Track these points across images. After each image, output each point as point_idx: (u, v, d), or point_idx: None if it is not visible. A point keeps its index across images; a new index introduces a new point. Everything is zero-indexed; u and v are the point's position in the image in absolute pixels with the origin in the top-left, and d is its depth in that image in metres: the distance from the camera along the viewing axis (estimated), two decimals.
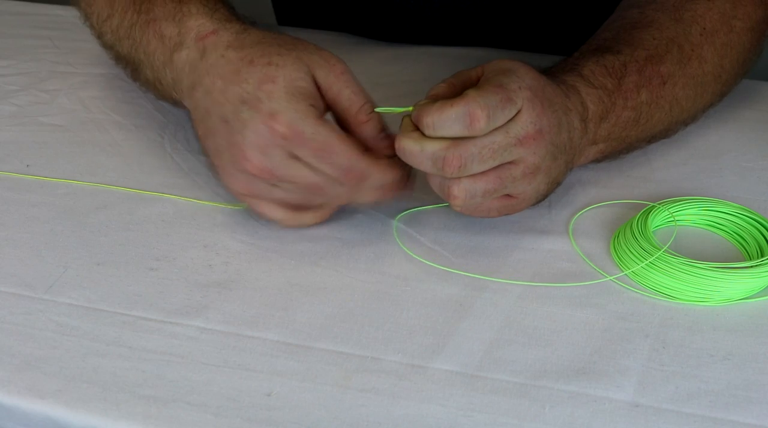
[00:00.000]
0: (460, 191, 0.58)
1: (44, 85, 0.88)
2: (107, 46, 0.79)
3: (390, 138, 0.60)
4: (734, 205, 0.65)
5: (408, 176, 0.62)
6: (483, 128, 0.55)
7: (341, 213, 0.68)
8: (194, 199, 0.70)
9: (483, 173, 0.58)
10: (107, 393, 0.53)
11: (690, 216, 0.66)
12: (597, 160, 0.70)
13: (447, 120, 0.55)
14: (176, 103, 0.70)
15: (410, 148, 0.57)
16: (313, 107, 0.58)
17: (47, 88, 0.88)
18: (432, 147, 0.56)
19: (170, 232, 0.66)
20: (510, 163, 0.58)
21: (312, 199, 0.62)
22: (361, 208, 0.66)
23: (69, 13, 1.04)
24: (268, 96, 0.58)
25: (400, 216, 0.67)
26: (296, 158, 0.58)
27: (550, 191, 0.63)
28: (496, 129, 0.57)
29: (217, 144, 0.61)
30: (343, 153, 0.58)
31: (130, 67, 0.76)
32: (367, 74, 0.87)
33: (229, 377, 0.54)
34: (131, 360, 0.55)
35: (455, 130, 0.56)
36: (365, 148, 0.60)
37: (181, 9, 0.66)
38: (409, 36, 0.95)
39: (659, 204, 0.65)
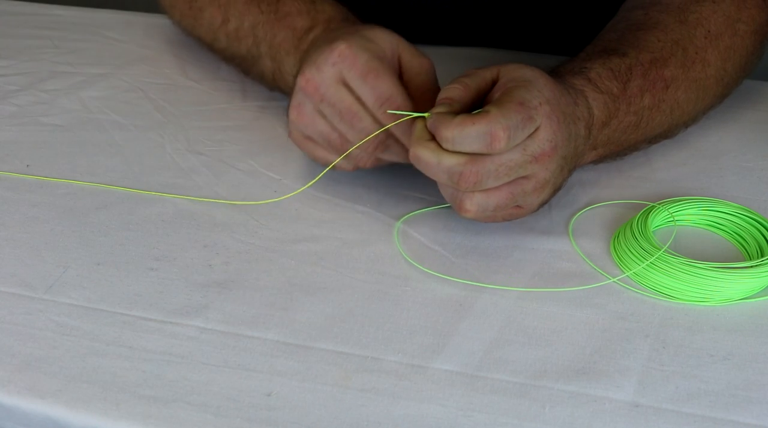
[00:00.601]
0: (472, 205, 0.59)
1: (44, 85, 0.88)
2: (219, 50, 0.84)
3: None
4: (734, 205, 0.65)
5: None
6: (503, 148, 0.56)
7: (341, 213, 0.68)
8: (194, 197, 0.70)
9: (496, 188, 0.58)
10: (107, 393, 0.53)
11: (690, 216, 0.66)
12: (594, 163, 0.70)
13: (467, 137, 0.55)
14: (289, 89, 0.73)
15: (427, 158, 0.57)
16: (378, 52, 0.62)
17: (47, 88, 0.88)
18: (449, 161, 0.56)
19: (170, 232, 0.66)
20: (522, 178, 0.58)
21: (344, 142, 0.64)
22: (387, 160, 0.66)
23: (69, 13, 1.04)
24: (350, 34, 0.63)
25: (403, 218, 0.67)
26: (345, 85, 0.62)
27: (551, 197, 0.63)
28: (514, 147, 0.57)
29: (295, 84, 0.65)
30: (388, 81, 0.61)
31: (246, 63, 0.81)
32: None
33: (229, 377, 0.54)
34: (131, 360, 0.55)
35: (474, 148, 0.56)
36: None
37: (315, 7, 0.74)
38: (411, 36, 0.95)
39: (659, 204, 0.65)
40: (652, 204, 0.65)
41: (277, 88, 0.79)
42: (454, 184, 0.57)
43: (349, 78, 0.62)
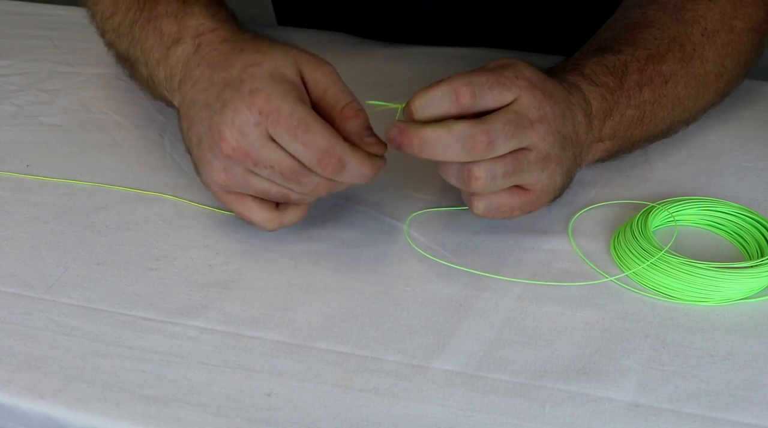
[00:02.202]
0: (481, 171, 0.57)
1: (44, 85, 0.88)
2: (108, 44, 0.80)
3: (375, 137, 0.59)
4: (734, 205, 0.65)
5: (378, 169, 0.59)
6: (469, 102, 0.56)
7: (341, 213, 0.68)
8: (193, 202, 0.70)
9: (501, 156, 0.57)
10: (107, 393, 0.53)
11: (690, 217, 0.66)
12: (603, 159, 0.70)
13: (434, 97, 0.56)
14: (167, 102, 0.71)
15: (435, 133, 0.55)
16: (294, 90, 0.58)
17: (47, 88, 0.88)
18: (459, 126, 0.55)
19: (170, 232, 0.66)
20: (524, 148, 0.58)
21: (288, 192, 0.60)
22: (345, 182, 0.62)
23: (69, 13, 1.04)
24: (251, 77, 0.58)
25: (411, 216, 0.67)
26: (274, 141, 0.57)
27: (565, 185, 0.63)
28: (505, 108, 0.57)
29: (198, 132, 0.60)
30: (321, 133, 0.56)
31: (128, 64, 0.76)
32: (367, 74, 0.88)
33: (229, 377, 0.54)
34: (131, 360, 0.55)
35: (443, 107, 0.56)
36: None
37: (184, 9, 0.67)
38: (409, 36, 0.95)
39: (659, 204, 0.65)
40: (652, 204, 0.65)
41: (156, 99, 0.74)
42: (468, 152, 0.56)
43: (277, 135, 0.57)
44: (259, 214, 0.62)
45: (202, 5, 0.68)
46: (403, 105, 0.58)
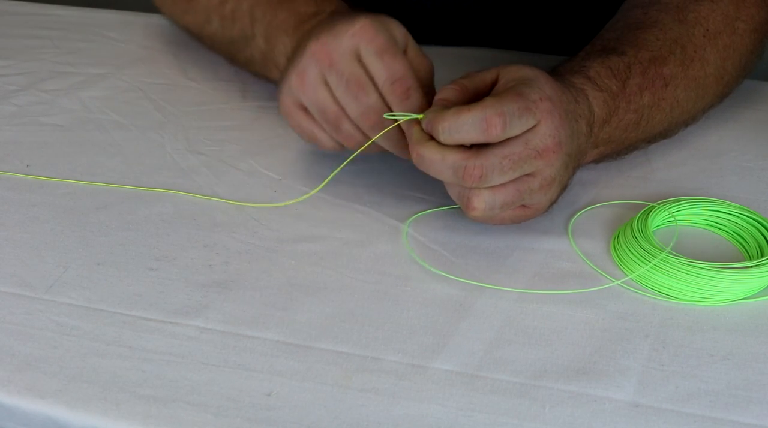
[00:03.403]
0: (480, 202, 0.58)
1: (44, 85, 0.88)
2: (209, 34, 0.84)
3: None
4: (734, 204, 0.65)
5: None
6: (499, 135, 0.56)
7: (341, 213, 0.68)
8: (194, 193, 0.70)
9: (503, 185, 0.58)
10: (107, 393, 0.53)
11: (690, 217, 0.66)
12: (595, 161, 0.70)
13: (463, 125, 0.55)
14: (277, 75, 0.73)
15: (430, 156, 0.57)
16: (393, 36, 0.63)
17: (47, 88, 0.88)
18: (453, 156, 0.56)
19: (170, 232, 0.66)
20: (528, 175, 0.58)
21: (341, 116, 0.63)
22: (382, 146, 0.66)
23: (69, 13, 1.04)
24: (363, 16, 0.63)
25: (411, 219, 0.67)
26: (358, 58, 0.61)
27: (559, 197, 0.63)
28: (515, 139, 0.57)
29: (298, 51, 0.65)
30: (402, 62, 0.61)
31: (235, 47, 0.81)
32: None
33: (229, 377, 0.54)
34: (131, 360, 0.55)
35: (471, 136, 0.56)
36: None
37: None
38: (413, 36, 0.95)
39: (659, 204, 0.65)
40: (652, 204, 0.65)
41: (263, 74, 0.78)
42: (459, 180, 0.57)
43: (365, 53, 0.61)
44: (314, 128, 0.66)
45: None
46: (421, 116, 0.58)
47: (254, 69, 0.80)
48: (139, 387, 0.53)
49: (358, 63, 0.62)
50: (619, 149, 0.70)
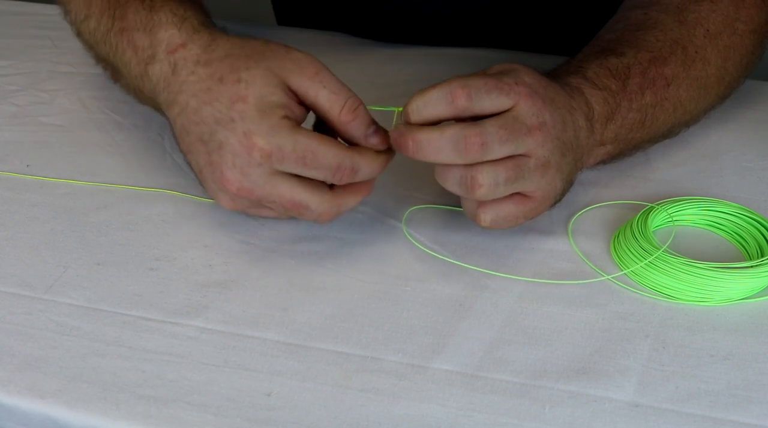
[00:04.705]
0: (484, 178, 0.57)
1: (44, 85, 0.88)
2: (86, 46, 0.79)
3: (381, 132, 0.60)
4: (734, 205, 0.65)
5: (388, 162, 0.61)
6: (465, 104, 0.56)
7: None
8: (194, 195, 0.70)
9: (501, 160, 0.57)
10: (107, 393, 0.53)
11: (690, 216, 0.66)
12: (604, 162, 0.70)
13: (430, 99, 0.56)
14: (159, 111, 0.70)
15: (428, 136, 0.56)
16: (286, 119, 0.58)
17: (47, 88, 0.88)
18: (451, 128, 0.56)
19: (170, 232, 0.66)
20: (523, 155, 0.58)
21: (299, 216, 0.61)
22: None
23: None
24: (241, 116, 0.57)
25: (409, 210, 0.67)
26: (279, 173, 0.58)
27: (566, 189, 0.63)
28: (505, 113, 0.57)
29: (198, 162, 0.61)
30: (327, 153, 0.57)
31: (110, 69, 0.76)
32: (367, 74, 0.88)
33: (229, 377, 0.54)
34: (131, 360, 0.55)
35: (438, 108, 0.56)
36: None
37: (152, 18, 0.65)
38: (408, 36, 0.95)
39: (659, 204, 0.65)
40: (651, 204, 0.65)
41: (144, 104, 0.74)
42: (461, 154, 0.56)
43: (286, 169, 0.58)
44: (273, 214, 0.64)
45: (168, 11, 0.65)
46: (400, 108, 0.58)
47: (134, 98, 0.75)
48: (138, 387, 0.53)
49: (283, 179, 0.58)
50: (626, 149, 0.70)
